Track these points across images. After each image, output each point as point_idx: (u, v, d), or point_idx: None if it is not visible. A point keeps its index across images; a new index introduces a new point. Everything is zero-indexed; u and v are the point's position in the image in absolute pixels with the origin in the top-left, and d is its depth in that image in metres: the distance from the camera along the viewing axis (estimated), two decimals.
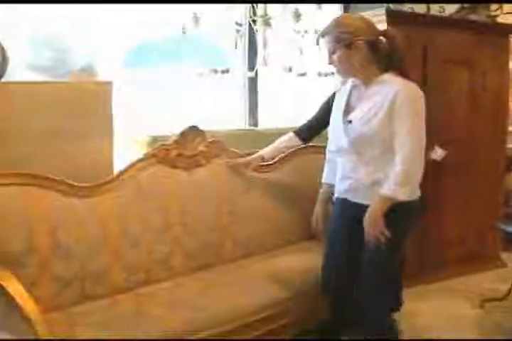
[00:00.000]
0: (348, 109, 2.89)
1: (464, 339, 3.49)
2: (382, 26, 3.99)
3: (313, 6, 4.17)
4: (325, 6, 4.31)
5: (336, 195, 3.05)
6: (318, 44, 2.93)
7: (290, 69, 4.27)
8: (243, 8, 4.30)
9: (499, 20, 4.80)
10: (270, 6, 4.16)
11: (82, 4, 3.59)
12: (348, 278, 3.00)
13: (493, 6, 4.78)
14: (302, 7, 4.12)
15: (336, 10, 4.79)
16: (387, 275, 2.92)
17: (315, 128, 3.55)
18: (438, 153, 4.28)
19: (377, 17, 4.05)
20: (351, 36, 2.74)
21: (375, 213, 2.72)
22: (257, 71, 4.55)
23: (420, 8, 4.49)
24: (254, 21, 4.22)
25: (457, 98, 4.47)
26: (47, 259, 2.79)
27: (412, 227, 3.04)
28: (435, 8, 4.54)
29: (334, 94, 3.22)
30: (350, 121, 2.81)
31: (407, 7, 4.42)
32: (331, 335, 3.22)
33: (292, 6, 4.10)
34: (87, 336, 2.55)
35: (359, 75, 2.85)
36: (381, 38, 2.82)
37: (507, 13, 4.81)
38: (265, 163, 3.75)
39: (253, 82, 4.73)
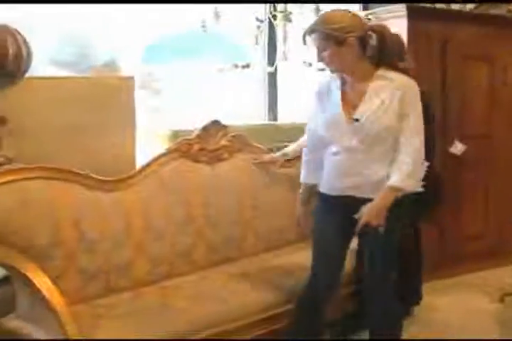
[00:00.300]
0: (347, 107, 2.79)
1: (467, 339, 3.45)
2: (402, 22, 4.03)
3: None
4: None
5: (327, 192, 2.91)
6: (305, 43, 2.84)
7: (310, 64, 4.27)
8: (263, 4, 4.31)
9: None
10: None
11: (91, 4, 3.62)
12: (339, 277, 2.97)
13: None
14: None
15: (355, 7, 4.80)
16: (390, 265, 2.92)
17: None
18: (458, 148, 4.28)
19: (398, 12, 4.07)
20: (343, 33, 2.65)
21: (381, 204, 2.70)
22: (276, 66, 4.57)
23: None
24: (274, 17, 4.23)
25: (477, 93, 4.47)
26: (72, 252, 2.80)
27: (412, 218, 3.11)
28: (455, 6, 4.52)
29: None
30: (357, 120, 2.72)
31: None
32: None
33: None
34: (112, 328, 2.58)
35: (351, 72, 2.77)
36: (370, 33, 2.74)
37: None
38: (286, 159, 3.76)
39: (273, 77, 4.75)
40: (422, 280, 3.78)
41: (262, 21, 4.21)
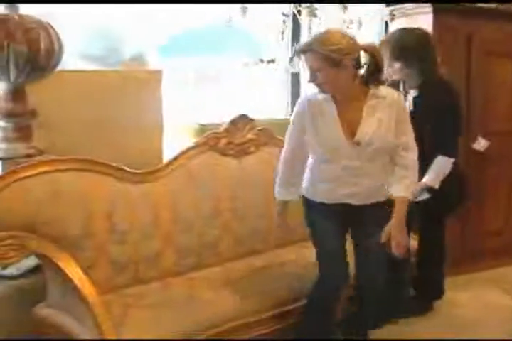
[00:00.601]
0: (346, 129, 2.75)
1: (475, 339, 3.43)
2: (427, 18, 4.04)
3: None
4: None
5: (319, 201, 2.93)
6: (291, 61, 2.81)
7: None
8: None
9: None
10: None
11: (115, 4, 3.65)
12: (348, 276, 2.98)
13: None
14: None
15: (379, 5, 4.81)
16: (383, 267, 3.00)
17: None
18: (481, 144, 4.28)
19: (423, 8, 4.08)
20: (341, 55, 2.60)
21: (400, 220, 2.79)
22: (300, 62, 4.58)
23: None
24: (299, 12, 4.25)
25: (501, 89, 4.45)
26: (103, 243, 2.85)
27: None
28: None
29: None
30: (358, 143, 2.72)
31: None
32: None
33: None
34: (141, 318, 2.63)
35: (344, 93, 2.76)
36: (362, 52, 2.74)
37: None
38: None
39: (295, 73, 4.76)
40: (444, 275, 3.80)
41: (287, 16, 4.23)
